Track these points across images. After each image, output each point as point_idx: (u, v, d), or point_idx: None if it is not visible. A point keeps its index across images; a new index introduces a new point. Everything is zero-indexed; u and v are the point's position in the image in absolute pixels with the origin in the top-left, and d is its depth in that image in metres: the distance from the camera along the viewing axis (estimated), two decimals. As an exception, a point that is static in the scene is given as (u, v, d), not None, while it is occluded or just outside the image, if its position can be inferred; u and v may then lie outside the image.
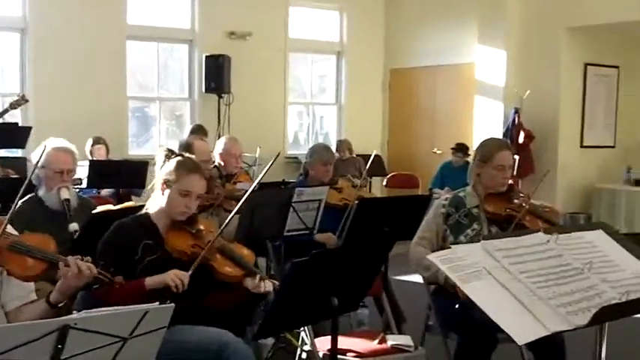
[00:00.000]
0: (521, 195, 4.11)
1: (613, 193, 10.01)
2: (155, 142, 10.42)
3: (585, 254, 2.35)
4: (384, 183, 10.58)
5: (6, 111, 7.53)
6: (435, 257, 2.21)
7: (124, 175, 6.84)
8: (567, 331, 2.09)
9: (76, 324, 2.24)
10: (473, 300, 2.06)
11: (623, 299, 2.13)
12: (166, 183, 3.44)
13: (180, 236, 3.43)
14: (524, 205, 3.99)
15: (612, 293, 2.19)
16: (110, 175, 6.79)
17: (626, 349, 5.01)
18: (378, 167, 10.75)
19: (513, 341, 3.92)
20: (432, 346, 4.17)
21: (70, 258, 2.81)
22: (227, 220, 3.35)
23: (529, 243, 2.30)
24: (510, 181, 4.11)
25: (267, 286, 3.33)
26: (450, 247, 2.26)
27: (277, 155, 3.73)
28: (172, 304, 2.46)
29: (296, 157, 10.93)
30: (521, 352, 4.24)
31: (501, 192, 4.08)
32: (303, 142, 11.85)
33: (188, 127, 9.15)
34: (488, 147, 4.14)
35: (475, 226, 4.03)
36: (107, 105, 9.35)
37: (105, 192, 6.96)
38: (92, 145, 7.65)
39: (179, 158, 3.54)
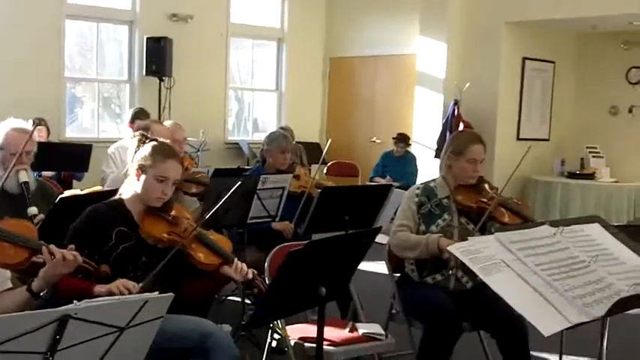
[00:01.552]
0: (489, 187, 4.15)
1: (548, 184, 10.27)
2: (86, 125, 10.16)
3: (588, 247, 2.38)
4: (325, 171, 10.58)
5: None
6: (455, 249, 2.20)
7: (66, 158, 6.65)
8: (586, 322, 2.11)
9: (76, 314, 2.17)
10: (497, 292, 2.06)
11: (632, 291, 2.17)
12: (141, 168, 3.33)
13: (156, 223, 3.33)
14: (494, 197, 4.03)
15: (620, 285, 2.22)
16: (53, 157, 6.57)
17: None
18: (317, 155, 10.76)
19: (475, 330, 4.07)
20: (396, 334, 4.18)
21: (53, 246, 2.71)
22: (213, 209, 3.26)
23: (539, 235, 2.32)
24: (480, 174, 4.14)
25: (249, 272, 3.27)
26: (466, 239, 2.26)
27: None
28: (172, 294, 2.40)
29: (236, 143, 10.82)
30: (481, 340, 4.32)
31: (472, 184, 4.12)
32: (231, 127, 11.62)
33: (127, 111, 8.92)
34: (462, 140, 4.16)
35: (446, 216, 4.06)
36: (44, 86, 9.08)
37: (46, 174, 6.73)
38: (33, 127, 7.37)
39: (154, 143, 3.43)
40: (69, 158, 6.65)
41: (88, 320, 2.21)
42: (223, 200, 3.26)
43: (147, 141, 3.46)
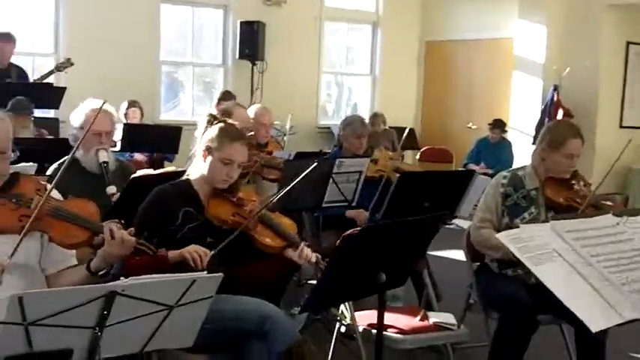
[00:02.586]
0: (583, 183, 3.92)
1: (651, 175, 9.83)
2: (184, 108, 10.34)
3: (655, 239, 2.23)
4: (417, 157, 10.45)
5: (51, 72, 7.53)
6: (504, 237, 2.11)
7: (158, 140, 6.77)
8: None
9: (123, 290, 2.20)
10: (544, 283, 1.96)
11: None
12: (208, 150, 3.34)
13: (222, 204, 3.34)
14: (586, 196, 3.79)
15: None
16: (144, 138, 6.71)
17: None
18: (411, 141, 10.64)
19: (554, 323, 3.92)
20: (472, 324, 4.08)
21: (114, 228, 2.74)
22: (280, 193, 3.25)
23: (600, 225, 2.19)
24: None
25: (312, 256, 3.24)
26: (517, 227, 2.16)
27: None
28: (220, 274, 2.39)
29: (328, 127, 10.82)
30: (562, 333, 4.16)
31: (564, 178, 3.90)
32: (331, 113, 11.70)
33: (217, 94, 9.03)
34: (560, 132, 3.92)
35: (533, 209, 3.88)
36: (140, 69, 9.27)
37: (138, 156, 6.90)
38: (127, 108, 7.57)
39: (222, 125, 3.43)
40: (160, 140, 6.76)
41: (135, 297, 2.23)
42: (293, 184, 3.24)
43: (215, 122, 3.47)
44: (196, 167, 3.41)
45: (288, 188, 3.26)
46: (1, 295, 2.18)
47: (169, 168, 4.28)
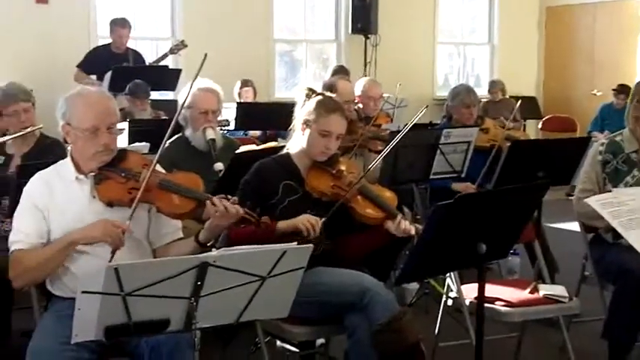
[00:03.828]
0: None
1: None
2: (301, 85, 10.37)
3: None
4: (540, 126, 10.13)
5: (165, 55, 7.77)
6: (594, 201, 2.01)
7: (271, 118, 6.83)
8: None
9: (215, 261, 2.24)
10: (636, 248, 1.85)
11: None
12: (306, 123, 3.36)
13: (321, 177, 3.35)
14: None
15: None
16: (257, 116, 6.81)
17: None
18: (533, 110, 10.32)
19: None
20: (588, 297, 3.94)
21: (216, 198, 2.80)
22: (374, 162, 3.24)
23: None
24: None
25: (411, 228, 3.20)
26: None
27: (425, 108, 3.59)
28: (311, 245, 2.41)
29: (445, 99, 10.63)
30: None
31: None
32: (453, 84, 11.50)
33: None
34: None
35: (635, 172, 3.69)
36: (254, 48, 9.38)
37: (252, 134, 7.02)
38: (240, 88, 7.71)
39: (319, 97, 3.44)
40: (273, 118, 6.83)
41: (227, 268, 2.28)
42: (383, 154, 3.21)
43: (313, 95, 3.48)
44: (296, 141, 3.44)
45: (382, 155, 3.24)
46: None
47: (271, 143, 4.33)
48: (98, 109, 2.88)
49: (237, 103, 7.03)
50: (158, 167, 2.95)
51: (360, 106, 5.57)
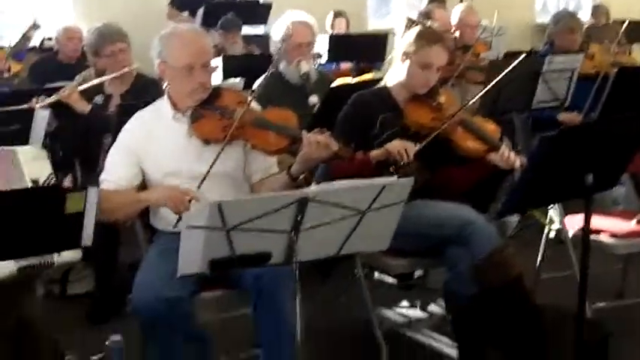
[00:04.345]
0: None
1: None
2: (394, 15, 10.19)
3: None
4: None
5: None
6: None
7: (364, 49, 6.73)
8: None
9: (314, 196, 2.24)
10: None
11: None
12: (406, 54, 3.28)
13: (420, 109, 3.29)
14: None
15: None
16: (350, 48, 6.71)
17: None
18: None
19: None
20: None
21: (311, 134, 2.78)
22: (476, 97, 3.14)
23: None
24: None
25: (516, 160, 3.12)
26: None
27: (529, 52, 3.43)
28: (411, 179, 2.37)
29: (545, 26, 10.25)
30: None
31: None
32: (552, 9, 11.06)
33: (428, -2, 8.82)
34: None
35: None
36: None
37: (344, 66, 6.94)
38: (333, 19, 7.61)
39: (419, 28, 3.35)
40: (366, 48, 6.73)
41: (327, 202, 2.27)
42: (484, 91, 3.12)
43: (413, 26, 3.39)
44: (395, 73, 3.37)
45: (483, 92, 3.13)
46: (205, 202, 2.29)
47: (367, 75, 4.27)
48: (193, 48, 2.89)
49: (330, 34, 6.94)
50: (253, 104, 2.95)
51: (457, 34, 5.42)
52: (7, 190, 2.62)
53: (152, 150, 2.93)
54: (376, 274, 3.80)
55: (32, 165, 2.79)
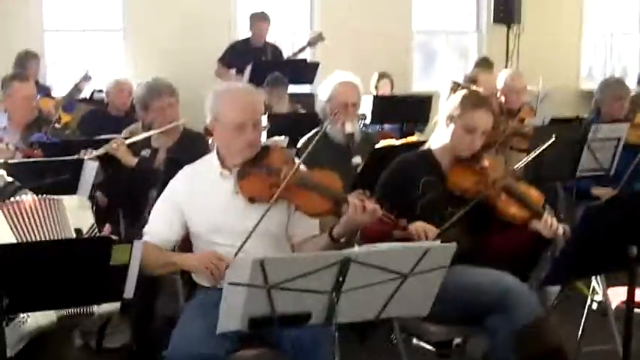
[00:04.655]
0: None
1: None
2: (440, 77, 10.26)
3: None
4: None
5: (303, 48, 7.86)
6: None
7: (408, 110, 6.77)
8: None
9: (357, 258, 2.25)
10: None
11: None
12: (451, 118, 3.30)
13: (464, 173, 3.28)
14: None
15: None
16: (394, 110, 6.76)
17: None
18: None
19: None
20: None
21: (356, 199, 2.79)
22: (520, 163, 3.14)
23: None
24: None
25: (559, 228, 3.09)
26: None
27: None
28: (454, 244, 2.36)
29: (591, 92, 10.24)
30: None
31: None
32: (598, 77, 11.06)
33: (473, 61, 8.88)
34: None
35: None
36: (392, 40, 9.30)
37: (388, 127, 6.98)
38: (377, 81, 7.69)
39: (465, 92, 3.37)
40: (410, 110, 6.77)
41: (369, 264, 2.27)
42: (537, 153, 3.11)
43: (458, 89, 3.41)
44: (439, 136, 3.38)
45: (527, 160, 3.13)
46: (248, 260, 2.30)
47: (412, 137, 4.29)
48: (245, 106, 2.93)
49: (374, 96, 7.00)
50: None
51: (503, 99, 5.43)
52: (56, 239, 2.68)
53: (197, 205, 2.96)
54: (414, 340, 3.75)
55: (77, 215, 2.83)
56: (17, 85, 4.65)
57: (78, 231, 2.79)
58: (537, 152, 3.23)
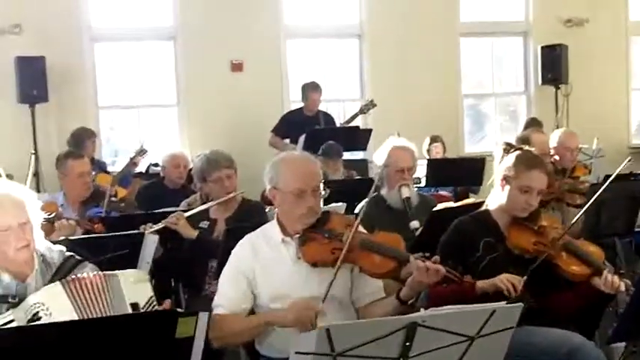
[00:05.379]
0: None
1: None
2: (490, 139, 10.27)
3: None
4: None
5: (356, 115, 7.96)
6: None
7: (462, 173, 6.79)
8: None
9: (424, 321, 2.25)
10: None
11: None
12: (506, 179, 3.33)
13: (522, 233, 3.30)
14: None
15: None
16: (448, 173, 6.78)
17: None
18: None
19: None
20: None
21: (420, 261, 2.81)
22: (577, 217, 3.14)
23: None
24: None
25: (620, 284, 3.06)
26: None
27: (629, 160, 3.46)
28: (520, 304, 2.36)
29: (641, 148, 10.15)
30: None
31: None
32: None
33: (523, 122, 8.88)
34: None
35: None
36: (442, 103, 9.39)
37: (442, 190, 6.99)
38: (429, 144, 7.73)
39: (518, 152, 3.40)
40: (463, 173, 6.78)
41: (436, 328, 2.27)
42: (586, 207, 3.11)
43: (512, 150, 3.44)
44: (495, 197, 3.41)
45: (584, 209, 3.14)
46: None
47: (469, 200, 4.31)
48: (304, 173, 2.99)
49: (427, 159, 7.04)
50: (360, 228, 3.01)
51: (557, 157, 5.42)
52: (120, 314, 2.70)
53: (260, 273, 2.99)
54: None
55: (133, 289, 2.81)
56: (71, 163, 4.78)
57: (134, 305, 2.77)
58: (598, 193, 3.23)
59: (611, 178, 3.39)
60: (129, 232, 4.01)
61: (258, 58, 8.71)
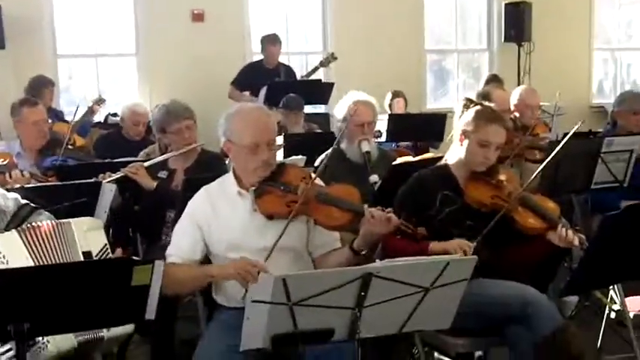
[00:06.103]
0: None
1: None
2: (452, 96, 10.31)
3: None
4: None
5: (316, 69, 7.89)
6: None
7: (422, 128, 6.81)
8: None
9: (379, 272, 2.27)
10: None
11: None
12: (465, 133, 3.34)
13: (480, 187, 3.32)
14: None
15: None
16: (408, 128, 6.80)
17: None
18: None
19: None
20: None
21: (373, 210, 2.82)
22: (536, 173, 3.17)
23: None
24: None
25: (574, 238, 3.11)
26: None
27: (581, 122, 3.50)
28: (474, 257, 2.39)
29: (602, 107, 10.26)
30: None
31: None
32: (608, 91, 11.09)
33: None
34: None
35: None
36: (406, 59, 9.38)
37: (403, 145, 7.01)
38: (391, 99, 7.73)
39: (478, 107, 3.42)
40: (424, 129, 6.80)
41: (391, 279, 2.29)
42: (545, 164, 3.14)
43: (472, 106, 3.45)
44: (454, 151, 3.42)
45: (542, 166, 3.17)
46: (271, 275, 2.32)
47: (428, 154, 4.32)
48: (258, 126, 2.97)
49: (389, 114, 7.04)
50: (317, 181, 3.01)
51: (517, 114, 5.46)
52: (76, 261, 2.70)
53: (216, 224, 2.98)
54: (436, 354, 3.75)
55: (87, 237, 2.84)
56: (26, 110, 4.69)
57: (87, 253, 2.80)
58: (556, 150, 3.26)
59: (567, 137, 3.41)
60: (86, 180, 3.97)
61: (220, 8, 8.57)
